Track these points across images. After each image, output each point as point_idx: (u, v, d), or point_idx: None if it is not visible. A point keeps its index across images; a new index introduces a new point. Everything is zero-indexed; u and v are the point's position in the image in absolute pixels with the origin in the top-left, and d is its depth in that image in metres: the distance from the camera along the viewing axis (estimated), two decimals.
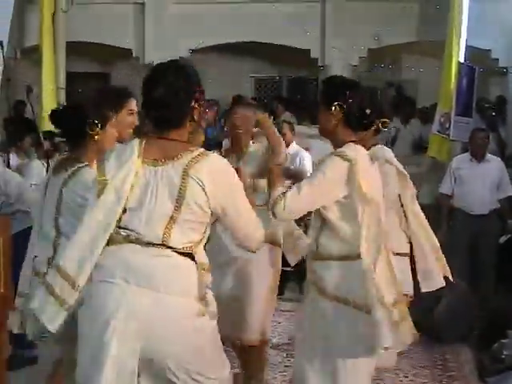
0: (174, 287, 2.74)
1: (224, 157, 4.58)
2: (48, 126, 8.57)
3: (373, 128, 3.58)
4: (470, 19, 9.29)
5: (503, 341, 5.45)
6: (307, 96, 13.40)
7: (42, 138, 7.60)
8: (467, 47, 9.34)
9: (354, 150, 3.32)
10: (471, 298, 6.28)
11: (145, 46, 11.45)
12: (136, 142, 2.86)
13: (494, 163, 7.42)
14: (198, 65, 10.88)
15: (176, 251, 2.75)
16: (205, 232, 2.86)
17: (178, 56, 11.31)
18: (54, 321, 2.78)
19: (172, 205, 2.74)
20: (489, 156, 7.45)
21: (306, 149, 7.68)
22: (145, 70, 11.43)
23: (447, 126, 8.78)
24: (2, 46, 6.88)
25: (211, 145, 9.83)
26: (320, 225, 3.34)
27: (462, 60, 9.10)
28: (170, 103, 2.81)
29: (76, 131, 3.37)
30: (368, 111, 3.40)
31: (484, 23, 9.82)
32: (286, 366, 5.44)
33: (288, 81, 13.69)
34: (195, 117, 2.87)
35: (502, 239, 7.38)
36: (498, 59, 10.90)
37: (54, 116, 3.47)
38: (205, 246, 2.91)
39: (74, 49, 10.27)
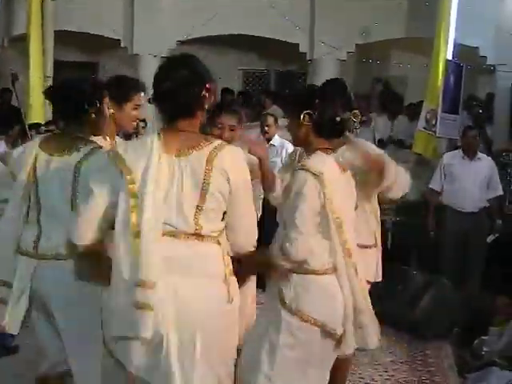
0: (204, 271, 2.83)
1: None
2: (35, 114, 8.65)
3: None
4: (458, 16, 9.31)
5: (484, 337, 5.50)
6: (295, 90, 13.40)
7: (28, 129, 7.58)
8: (455, 44, 9.37)
9: (321, 161, 3.30)
10: (453, 294, 6.30)
11: (133, 36, 11.41)
12: (154, 135, 2.87)
13: (485, 162, 7.47)
14: None
15: (207, 239, 2.84)
16: (223, 219, 2.91)
17: (166, 47, 11.33)
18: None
19: (197, 194, 2.79)
20: (480, 154, 7.50)
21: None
22: (132, 60, 11.44)
23: (433, 122, 8.81)
24: None
25: None
26: (286, 233, 3.27)
27: (449, 57, 9.13)
28: (181, 94, 2.84)
29: (75, 106, 3.31)
30: (338, 119, 3.38)
31: (472, 21, 9.85)
32: None
33: (276, 74, 13.68)
34: (206, 106, 2.90)
35: (490, 238, 7.41)
36: (486, 57, 10.92)
37: (52, 91, 3.43)
38: None
39: (62, 38, 10.21)
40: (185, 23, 11.14)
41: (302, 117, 3.36)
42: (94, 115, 3.31)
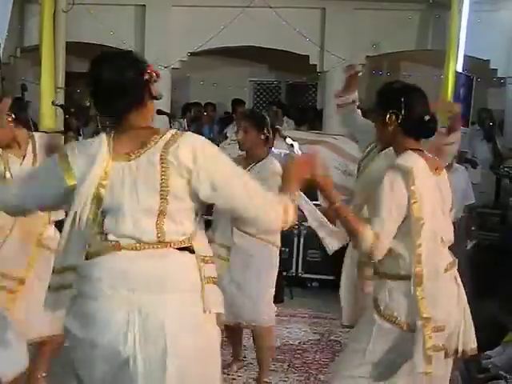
0: (178, 285, 2.59)
1: (239, 160, 4.82)
2: (46, 123, 8.69)
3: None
4: (469, 29, 9.34)
5: (490, 351, 5.47)
6: (306, 101, 13.42)
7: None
8: (466, 57, 9.39)
9: (410, 160, 3.12)
10: None
11: (144, 47, 11.46)
12: (103, 136, 2.65)
13: (460, 172, 7.65)
14: (197, 68, 10.99)
15: (173, 247, 2.60)
16: (197, 220, 2.67)
17: (177, 59, 11.38)
18: None
19: (157, 197, 2.55)
20: (456, 165, 7.64)
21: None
22: None
23: None
24: None
25: None
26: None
27: (460, 69, 9.14)
28: (123, 80, 2.60)
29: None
30: (427, 118, 3.19)
31: (483, 33, 9.87)
32: (270, 370, 5.35)
33: (287, 86, 13.71)
34: (153, 92, 2.68)
35: (469, 245, 7.60)
36: (496, 69, 10.92)
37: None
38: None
39: (74, 49, 10.27)
40: (195, 35, 11.17)
41: (387, 116, 3.18)
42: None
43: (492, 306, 6.07)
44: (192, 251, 2.63)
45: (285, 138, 3.51)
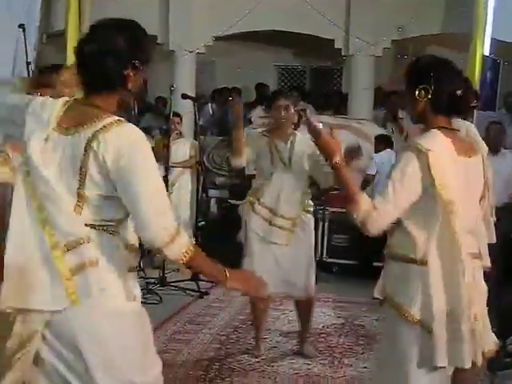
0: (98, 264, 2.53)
1: (268, 136, 5.25)
2: None
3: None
4: (495, 12, 9.23)
5: None
6: (330, 86, 13.39)
7: None
8: (492, 40, 9.29)
9: (433, 139, 2.98)
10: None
11: (169, 32, 11.47)
12: (60, 102, 2.59)
13: (508, 157, 7.45)
14: (221, 53, 10.97)
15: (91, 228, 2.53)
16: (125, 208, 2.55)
17: (202, 44, 11.39)
18: None
19: (76, 179, 2.49)
20: (503, 150, 7.48)
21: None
22: (169, 56, 11.51)
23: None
24: (24, 29, 6.88)
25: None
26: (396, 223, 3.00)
27: (486, 53, 9.05)
28: (96, 63, 2.53)
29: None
30: (459, 93, 3.04)
31: (510, 16, 9.75)
32: (294, 354, 5.49)
33: (311, 70, 13.68)
34: (129, 86, 2.57)
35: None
36: None
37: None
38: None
39: None
40: (220, 19, 11.17)
41: (417, 92, 3.03)
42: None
43: None
44: (113, 235, 2.58)
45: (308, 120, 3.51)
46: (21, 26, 6.94)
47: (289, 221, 5.21)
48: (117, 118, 2.52)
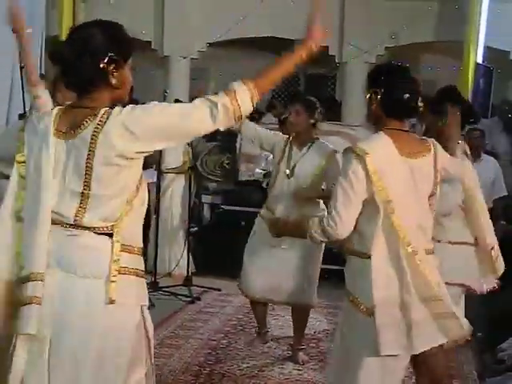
0: (84, 268, 2.52)
1: (289, 137, 5.27)
2: None
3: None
4: (489, 20, 9.27)
5: (505, 342, 5.46)
6: (324, 92, 13.41)
7: None
8: (486, 48, 9.32)
9: (374, 141, 3.18)
10: (474, 298, 6.25)
11: (163, 38, 11.48)
12: (55, 110, 2.62)
13: (489, 163, 7.52)
14: (216, 59, 11.00)
15: (91, 231, 2.54)
16: (128, 208, 2.57)
17: (196, 50, 11.39)
18: None
19: (81, 181, 2.51)
20: (484, 156, 7.53)
21: None
22: (163, 62, 11.51)
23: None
24: None
25: (226, 138, 9.88)
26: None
27: (479, 61, 9.09)
28: (71, 61, 2.54)
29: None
30: (406, 96, 3.20)
31: (503, 24, 9.79)
32: (285, 359, 5.49)
33: (306, 77, 13.69)
34: (113, 81, 2.56)
35: None
36: None
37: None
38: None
39: None
40: (214, 25, 11.18)
41: (368, 95, 3.25)
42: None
43: (508, 299, 6.05)
44: (110, 236, 2.56)
45: None
46: None
47: None
48: (104, 109, 2.52)
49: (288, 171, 5.19)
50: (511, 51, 10.67)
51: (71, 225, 2.54)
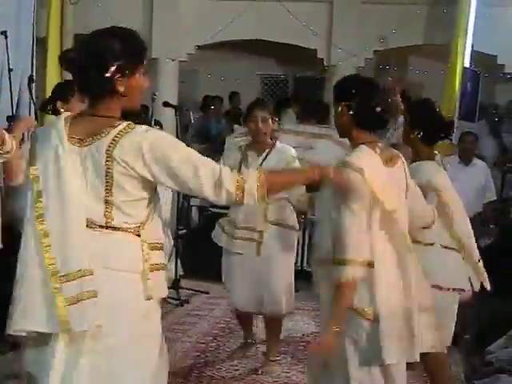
0: (120, 262, 2.63)
1: (243, 148, 5.13)
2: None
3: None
4: (477, 24, 9.32)
5: (493, 344, 5.48)
6: (313, 95, 13.43)
7: None
8: (473, 52, 9.37)
9: (363, 156, 3.15)
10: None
11: (152, 40, 11.47)
12: (61, 120, 2.66)
13: (480, 167, 7.55)
14: (205, 61, 10.95)
15: (121, 231, 2.63)
16: (150, 207, 2.70)
17: (185, 52, 11.38)
18: None
19: (103, 188, 2.58)
20: (475, 160, 7.57)
21: (310, 147, 7.76)
22: (151, 64, 11.49)
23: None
24: (6, 36, 6.84)
25: (216, 140, 9.86)
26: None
27: (467, 65, 9.13)
28: (80, 72, 2.63)
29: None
30: (378, 109, 3.20)
31: (491, 28, 9.84)
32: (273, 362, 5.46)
33: (294, 80, 13.71)
34: (120, 89, 2.62)
35: (484, 243, 7.48)
36: (504, 65, 10.90)
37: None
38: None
39: None
40: (203, 28, 11.18)
41: (339, 108, 3.22)
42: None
43: (495, 302, 6.08)
44: (138, 235, 2.66)
45: None
46: (3, 33, 6.90)
47: (254, 232, 5.05)
48: (127, 122, 2.61)
49: None
50: (498, 55, 10.74)
51: (102, 226, 2.61)
